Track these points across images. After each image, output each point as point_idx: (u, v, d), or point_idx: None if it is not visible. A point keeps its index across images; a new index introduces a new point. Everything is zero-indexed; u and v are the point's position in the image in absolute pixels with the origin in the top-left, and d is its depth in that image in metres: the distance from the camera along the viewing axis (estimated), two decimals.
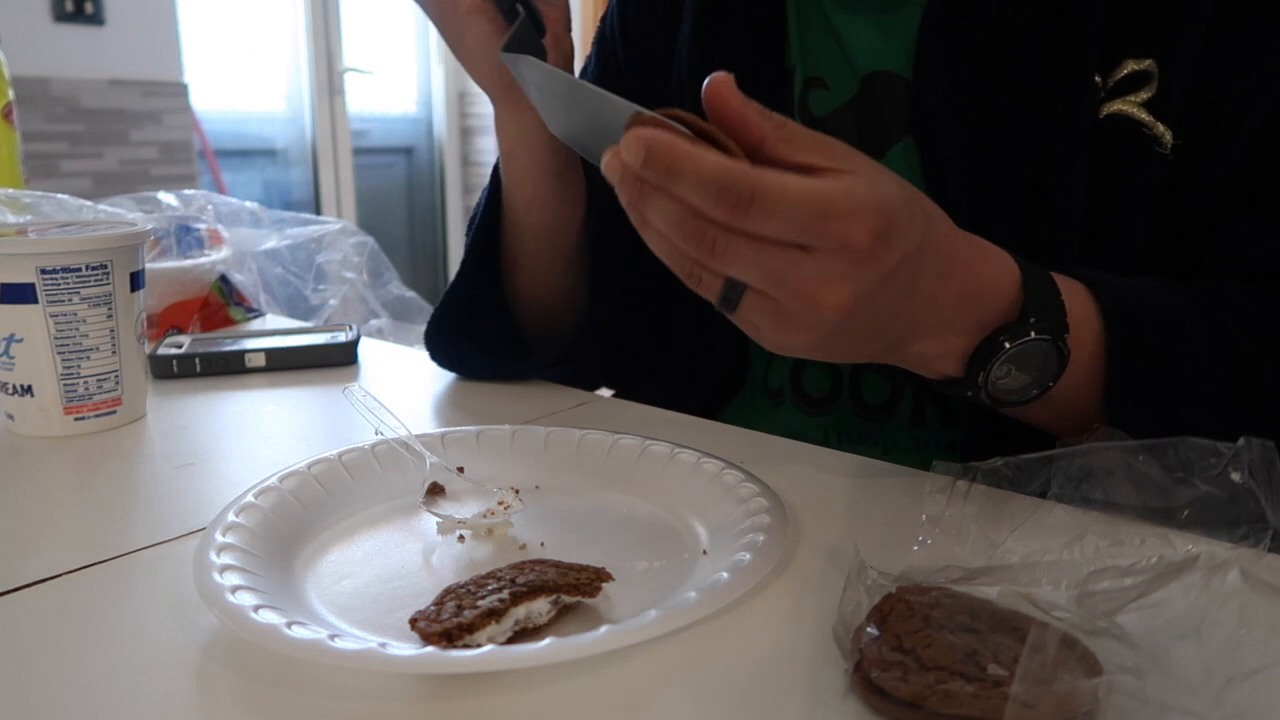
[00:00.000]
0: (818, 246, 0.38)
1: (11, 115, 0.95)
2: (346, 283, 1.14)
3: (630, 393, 0.69)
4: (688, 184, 0.36)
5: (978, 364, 0.46)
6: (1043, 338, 0.45)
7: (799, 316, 0.40)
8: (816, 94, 0.66)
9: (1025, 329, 0.45)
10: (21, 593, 0.40)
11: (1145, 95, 0.54)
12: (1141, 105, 0.54)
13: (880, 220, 0.38)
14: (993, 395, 0.47)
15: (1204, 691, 0.29)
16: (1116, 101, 0.55)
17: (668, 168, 0.36)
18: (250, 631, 0.34)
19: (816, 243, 0.38)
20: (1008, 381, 0.47)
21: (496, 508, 0.46)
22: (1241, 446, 0.38)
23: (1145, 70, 0.54)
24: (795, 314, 0.40)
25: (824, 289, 0.39)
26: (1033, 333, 0.45)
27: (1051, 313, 0.46)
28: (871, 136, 0.64)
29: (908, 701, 0.30)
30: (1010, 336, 0.45)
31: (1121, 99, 0.55)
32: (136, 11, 3.03)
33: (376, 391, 0.60)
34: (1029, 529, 0.41)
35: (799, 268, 0.38)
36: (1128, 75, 0.54)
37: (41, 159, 2.88)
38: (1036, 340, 0.45)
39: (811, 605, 0.39)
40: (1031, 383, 0.47)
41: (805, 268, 0.38)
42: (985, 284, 0.46)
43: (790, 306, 0.40)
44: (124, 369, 0.62)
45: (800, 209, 0.37)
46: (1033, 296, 0.46)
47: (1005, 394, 0.48)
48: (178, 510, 0.49)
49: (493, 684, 0.33)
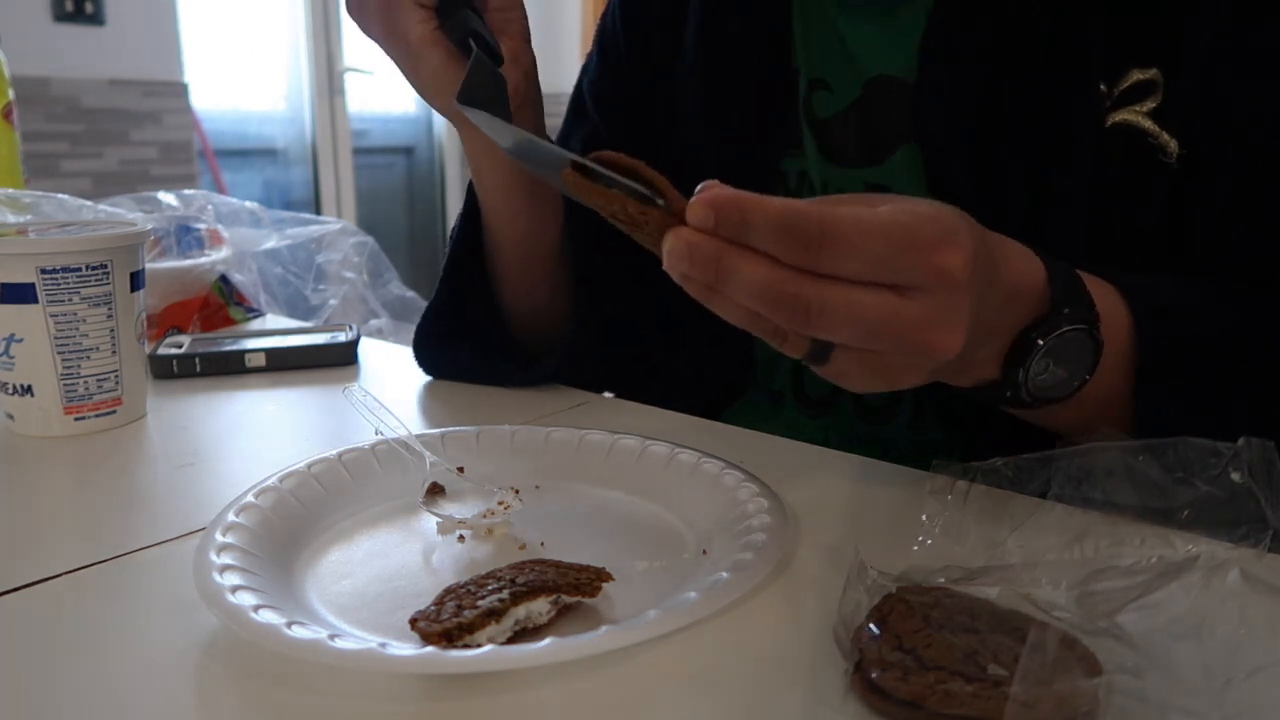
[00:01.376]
0: (915, 284, 0.36)
1: (11, 115, 0.95)
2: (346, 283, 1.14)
3: (634, 394, 0.69)
4: (760, 234, 0.34)
5: (1015, 362, 0.44)
6: (1078, 327, 0.44)
7: (905, 364, 0.39)
8: (820, 96, 0.66)
9: (1059, 321, 0.44)
10: (21, 593, 0.40)
11: (1151, 105, 0.54)
12: (1147, 115, 0.54)
13: (968, 239, 0.36)
14: (1033, 393, 0.45)
15: (1204, 691, 0.29)
16: (1122, 111, 0.54)
17: (741, 221, 0.34)
18: (250, 631, 0.34)
19: (911, 280, 0.36)
20: (1046, 377, 0.45)
21: (496, 508, 0.46)
22: (1241, 446, 0.38)
23: (1150, 80, 0.54)
24: (900, 363, 0.38)
25: (935, 334, 0.36)
26: (1065, 325, 0.44)
27: (1081, 303, 0.45)
28: (874, 140, 0.63)
29: (908, 701, 0.30)
30: (1045, 331, 0.44)
31: (1127, 108, 0.54)
32: (136, 11, 3.03)
33: (376, 391, 0.60)
34: (1029, 529, 0.41)
35: (901, 316, 0.36)
36: (1133, 85, 0.54)
37: (41, 159, 2.88)
38: (1071, 331, 0.44)
39: (811, 605, 0.39)
40: (1070, 375, 0.46)
41: (909, 314, 0.36)
42: (1022, 280, 0.44)
43: (895, 358, 0.38)
44: (124, 369, 0.62)
45: (880, 242, 0.35)
46: (1061, 289, 0.44)
47: (1045, 390, 0.46)
48: (178, 510, 0.49)
49: (493, 684, 0.33)
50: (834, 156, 0.65)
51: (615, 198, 0.37)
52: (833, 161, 0.66)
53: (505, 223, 0.68)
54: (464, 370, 0.72)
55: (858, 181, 0.65)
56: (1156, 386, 0.48)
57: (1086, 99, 0.55)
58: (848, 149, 0.65)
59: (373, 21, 0.60)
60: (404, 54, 0.60)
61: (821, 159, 0.66)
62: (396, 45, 0.60)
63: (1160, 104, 0.53)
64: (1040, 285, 0.44)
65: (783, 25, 0.67)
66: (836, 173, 0.65)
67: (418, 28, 0.58)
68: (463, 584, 0.38)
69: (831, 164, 0.66)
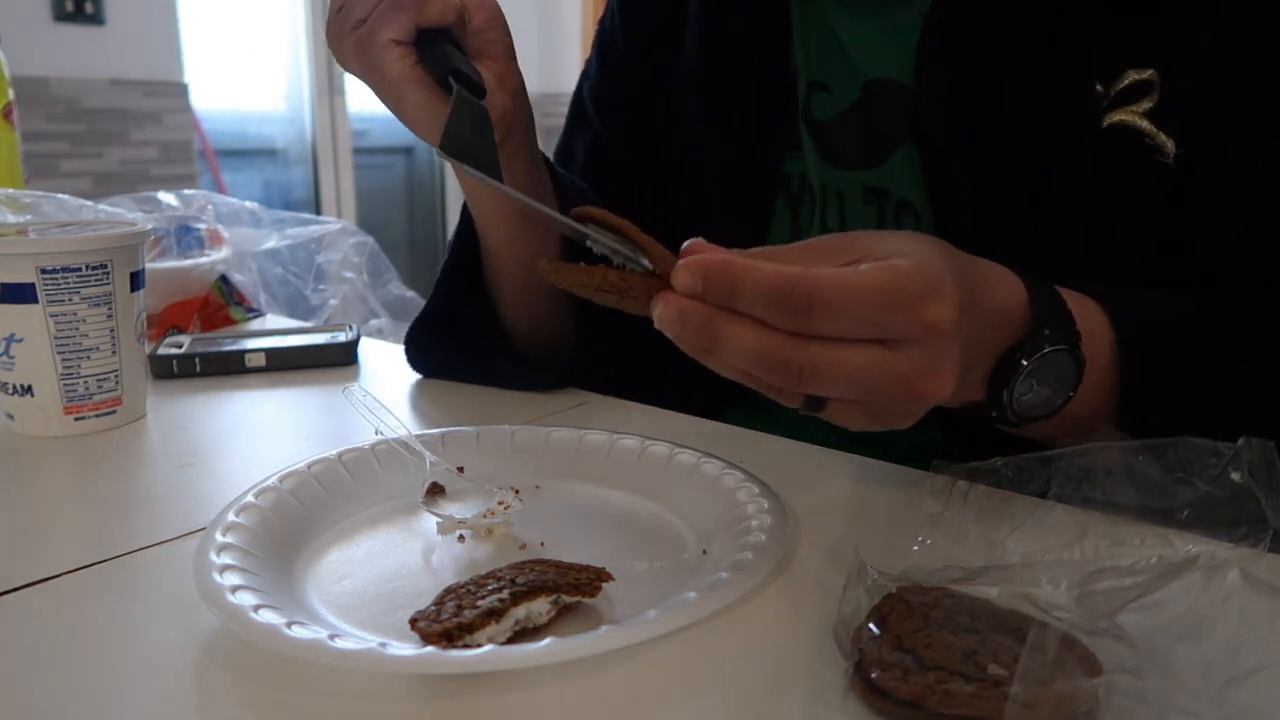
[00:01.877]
0: (904, 338, 0.37)
1: (11, 115, 0.95)
2: (346, 283, 1.14)
3: (635, 394, 0.69)
4: (748, 301, 0.35)
5: (1000, 383, 0.45)
6: (1059, 348, 0.45)
7: (898, 409, 0.40)
8: (819, 98, 0.66)
9: (1040, 342, 0.44)
10: (21, 593, 0.40)
11: (1147, 105, 0.54)
12: (1143, 115, 0.54)
13: (953, 288, 0.37)
14: (1018, 413, 0.46)
15: (1204, 691, 0.29)
16: (1119, 111, 0.54)
17: (729, 289, 0.35)
18: (250, 631, 0.34)
19: (900, 335, 0.37)
20: (1031, 396, 0.46)
21: (496, 508, 0.46)
22: (1241, 446, 0.38)
23: (1147, 80, 0.54)
24: (894, 409, 0.40)
25: (925, 383, 0.37)
26: (1047, 345, 0.44)
27: (1062, 323, 0.45)
28: (873, 142, 0.63)
29: (908, 701, 0.30)
30: (1028, 352, 0.44)
31: (1124, 109, 0.54)
32: (136, 11, 3.04)
33: (376, 391, 0.60)
34: (1029, 529, 0.41)
35: (891, 369, 0.37)
36: (1130, 85, 0.54)
37: (41, 159, 2.88)
38: (1053, 351, 0.45)
39: (811, 605, 0.39)
40: (1054, 394, 0.46)
41: (898, 367, 0.37)
42: (1003, 305, 0.45)
43: (888, 405, 0.39)
44: (124, 369, 0.62)
45: (867, 303, 0.36)
46: (1042, 308, 0.45)
47: (1030, 409, 0.47)
48: (178, 510, 0.49)
49: (493, 684, 0.33)
50: (833, 158, 0.65)
51: (595, 272, 0.38)
52: (831, 163, 0.66)
53: (504, 245, 0.68)
54: (457, 369, 0.72)
55: (856, 183, 0.65)
56: (1140, 399, 0.49)
57: (1084, 99, 0.55)
58: (846, 151, 0.65)
59: (350, 58, 0.59)
60: (386, 91, 0.59)
61: (821, 161, 0.66)
62: (377, 82, 0.59)
63: (1157, 104, 0.54)
64: (1022, 307, 0.45)
65: (782, 27, 0.67)
66: (835, 174, 0.65)
67: (397, 64, 0.56)
68: (463, 584, 0.38)
69: (830, 166, 0.66)
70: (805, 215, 0.68)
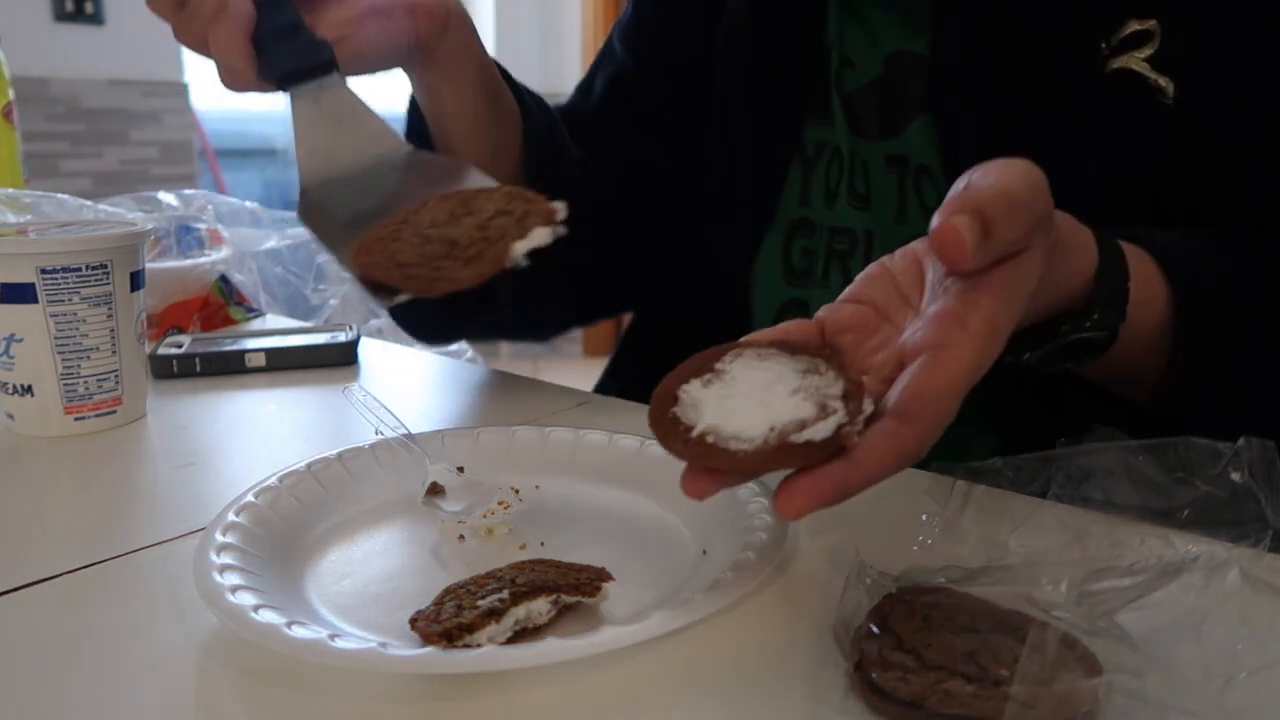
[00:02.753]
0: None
1: (11, 115, 0.95)
2: (346, 282, 1.14)
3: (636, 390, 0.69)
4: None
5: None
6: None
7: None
8: (846, 73, 0.69)
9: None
10: (21, 593, 0.40)
11: (1148, 51, 0.56)
12: (1144, 60, 0.56)
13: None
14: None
15: (1204, 691, 0.29)
16: (1120, 57, 0.57)
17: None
18: (250, 631, 0.34)
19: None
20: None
21: (496, 508, 0.46)
22: (1241, 446, 0.38)
23: (1147, 29, 0.56)
24: None
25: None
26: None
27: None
28: (893, 113, 0.66)
29: (908, 701, 0.30)
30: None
31: (1125, 55, 0.57)
32: (136, 11, 3.01)
33: (376, 391, 0.60)
34: (1029, 529, 0.41)
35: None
36: (1131, 34, 0.57)
37: (41, 159, 2.88)
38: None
39: (811, 605, 0.39)
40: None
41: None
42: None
43: None
44: (124, 369, 0.62)
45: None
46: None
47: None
48: (178, 510, 0.49)
49: (493, 684, 0.33)
50: (859, 130, 0.69)
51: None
52: (858, 135, 0.69)
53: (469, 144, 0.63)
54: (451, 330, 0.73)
55: (880, 154, 0.67)
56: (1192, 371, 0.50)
57: (1088, 53, 0.57)
58: (871, 122, 0.68)
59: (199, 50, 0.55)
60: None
61: (849, 132, 0.69)
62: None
63: (1157, 50, 0.56)
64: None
65: (817, 6, 0.69)
66: (862, 145, 0.69)
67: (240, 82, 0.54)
68: (463, 584, 0.38)
69: (857, 137, 0.69)
70: (817, 180, 0.70)
